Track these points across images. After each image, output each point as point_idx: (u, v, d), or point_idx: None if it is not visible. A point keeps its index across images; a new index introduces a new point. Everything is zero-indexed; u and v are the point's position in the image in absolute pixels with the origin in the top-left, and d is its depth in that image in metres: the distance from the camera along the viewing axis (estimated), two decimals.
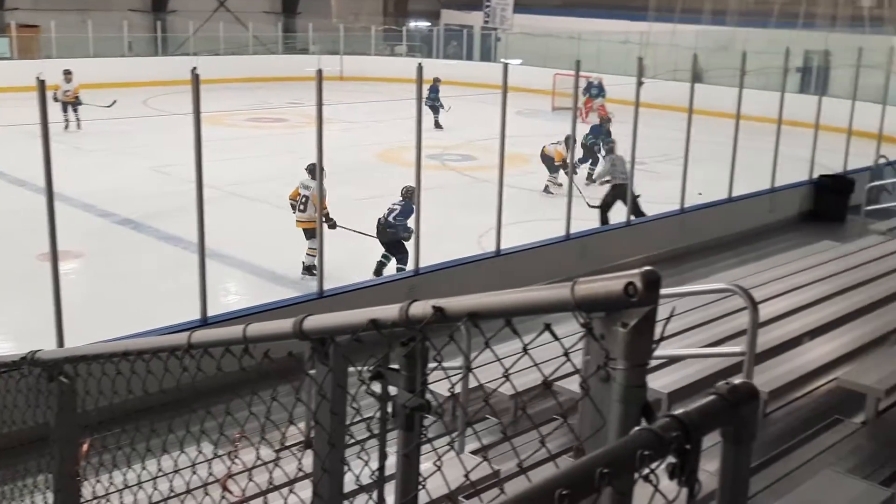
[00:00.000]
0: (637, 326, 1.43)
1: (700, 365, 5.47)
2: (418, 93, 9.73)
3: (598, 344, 1.49)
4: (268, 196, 15.32)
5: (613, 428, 1.46)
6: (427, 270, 10.16)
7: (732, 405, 1.40)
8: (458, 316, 1.76)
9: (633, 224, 12.48)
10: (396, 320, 1.89)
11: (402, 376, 1.88)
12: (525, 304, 1.66)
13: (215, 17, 34.47)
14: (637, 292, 1.42)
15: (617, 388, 1.45)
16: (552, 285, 1.61)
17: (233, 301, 10.13)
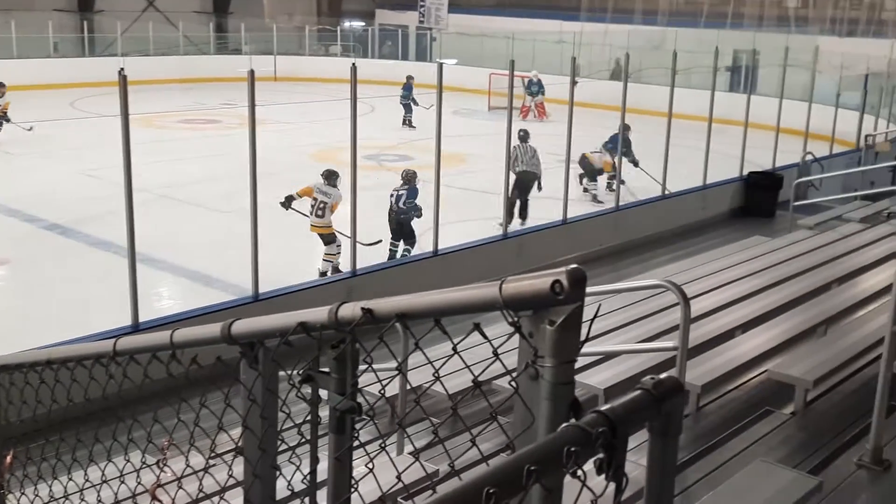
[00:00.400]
0: (564, 324, 1.44)
1: (635, 360, 5.54)
2: (353, 93, 9.67)
3: (527, 342, 1.50)
4: (200, 199, 15.10)
5: (542, 425, 1.46)
6: (364, 272, 10.12)
7: (658, 400, 1.41)
8: (388, 317, 1.75)
9: (568, 222, 12.59)
10: (326, 323, 1.87)
11: (332, 379, 1.86)
12: (454, 304, 1.66)
13: (144, 17, 33.79)
14: (563, 290, 1.43)
15: (545, 385, 1.46)
16: (480, 284, 1.61)
17: (165, 306, 9.94)
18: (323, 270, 11.04)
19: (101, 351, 2.29)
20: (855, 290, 6.85)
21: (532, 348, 1.48)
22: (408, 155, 19.68)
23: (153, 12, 34.66)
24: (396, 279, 10.41)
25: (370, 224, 11.19)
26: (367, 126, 9.74)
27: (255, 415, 2.05)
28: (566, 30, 28.01)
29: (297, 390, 1.92)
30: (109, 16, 32.76)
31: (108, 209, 13.52)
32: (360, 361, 1.88)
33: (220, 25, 35.69)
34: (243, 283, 9.97)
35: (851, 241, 9.14)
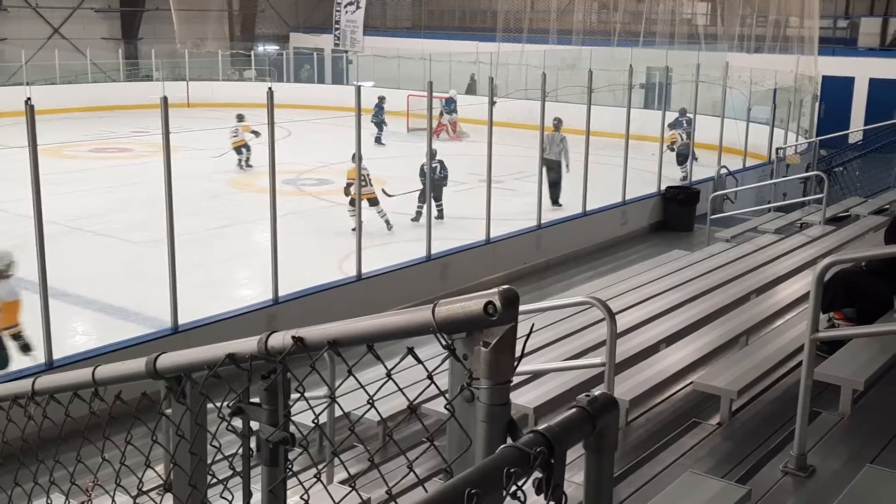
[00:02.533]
0: (498, 345, 1.44)
1: (563, 378, 5.58)
2: (270, 118, 9.59)
3: (461, 364, 1.49)
4: (113, 230, 14.71)
5: (480, 447, 1.45)
6: (287, 299, 10.00)
7: (593, 416, 1.42)
8: (319, 345, 1.72)
9: (491, 241, 12.68)
10: (255, 353, 1.83)
11: (263, 411, 1.82)
12: (387, 330, 1.64)
13: (49, 45, 32.86)
14: (497, 311, 1.42)
15: (481, 407, 1.45)
16: (413, 309, 1.60)
17: (80, 342, 9.63)
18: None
19: (18, 391, 2.20)
20: (772, 301, 7.04)
21: (467, 370, 1.47)
22: (327, 179, 19.56)
23: (59, 39, 33.73)
24: (319, 305, 10.32)
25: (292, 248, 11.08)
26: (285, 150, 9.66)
27: (183, 450, 1.98)
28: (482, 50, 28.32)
29: (228, 423, 1.87)
30: (13, 44, 31.75)
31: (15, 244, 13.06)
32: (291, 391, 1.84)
33: (129, 52, 34.95)
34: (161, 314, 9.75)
35: (767, 252, 9.41)
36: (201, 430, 2.00)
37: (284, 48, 37.35)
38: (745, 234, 11.55)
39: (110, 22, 35.97)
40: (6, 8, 32.33)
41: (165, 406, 2.08)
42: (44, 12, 33.50)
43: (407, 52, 31.87)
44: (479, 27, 34.41)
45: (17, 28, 32.44)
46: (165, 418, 2.08)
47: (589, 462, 1.46)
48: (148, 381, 2.09)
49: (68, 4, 34.19)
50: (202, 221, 14.22)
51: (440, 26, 36.43)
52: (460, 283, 11.81)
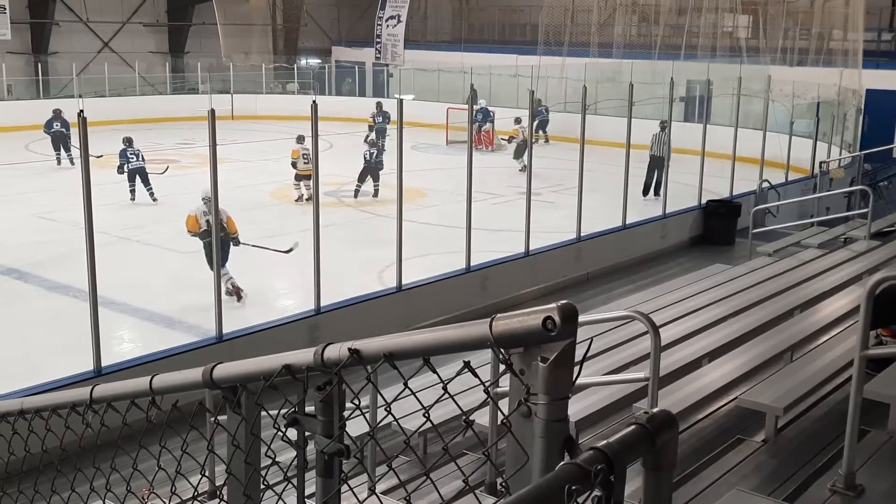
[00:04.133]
0: (556, 360, 1.44)
1: (604, 392, 5.55)
2: (314, 130, 9.68)
3: (519, 379, 1.50)
4: (158, 239, 14.93)
5: (537, 463, 1.46)
6: (328, 309, 10.06)
7: (652, 433, 1.42)
8: (375, 357, 1.74)
9: (531, 254, 12.66)
10: (311, 364, 1.85)
11: (319, 422, 1.84)
12: (443, 343, 1.66)
13: (99, 59, 33.56)
14: (555, 326, 1.43)
15: (539, 423, 1.46)
16: (469, 323, 1.61)
17: (127, 350, 9.78)
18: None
19: (76, 399, 2.25)
20: (817, 316, 6.95)
21: (524, 386, 1.48)
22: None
23: (108, 53, 34.45)
24: (360, 315, 10.38)
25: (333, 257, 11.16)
26: (326, 162, 9.76)
27: (238, 459, 2.02)
28: (522, 63, 28.34)
29: (283, 434, 1.89)
30: (64, 57, 32.48)
31: (64, 252, 13.33)
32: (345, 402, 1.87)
33: (176, 65, 35.56)
34: (205, 323, 9.88)
35: (810, 266, 9.29)
36: (256, 440, 2.03)
37: (326, 62, 37.69)
38: (787, 248, 11.41)
39: (158, 36, 36.66)
40: (58, 22, 33.08)
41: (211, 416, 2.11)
42: (94, 27, 34.26)
43: (447, 65, 32.01)
44: (518, 41, 34.42)
45: (69, 42, 33.18)
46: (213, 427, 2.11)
47: (647, 480, 1.45)
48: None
49: (118, 19, 34.90)
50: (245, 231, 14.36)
51: (480, 40, 36.50)
52: (500, 295, 11.82)
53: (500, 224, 15.15)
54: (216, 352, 8.47)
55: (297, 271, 12.53)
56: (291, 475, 1.95)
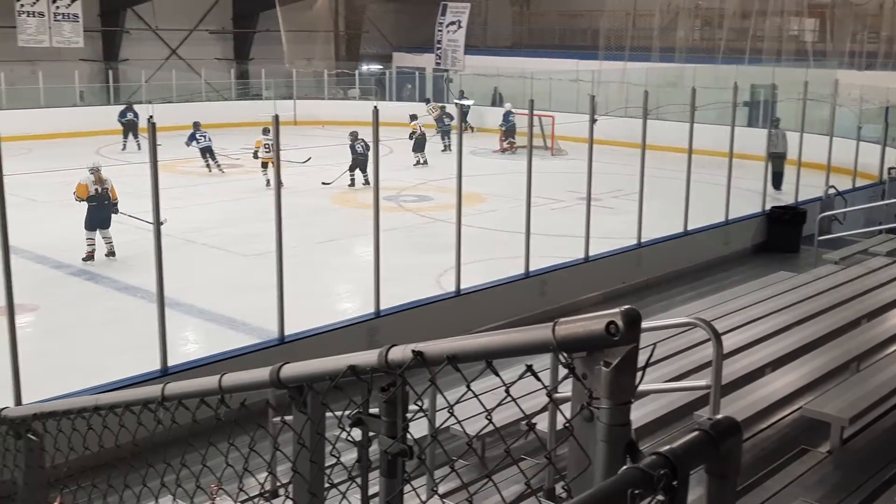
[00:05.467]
0: (619, 365, 1.45)
1: (665, 399, 5.50)
2: (375, 135, 9.78)
3: (581, 384, 1.51)
4: (223, 242, 15.22)
5: (599, 467, 1.47)
6: (388, 312, 10.13)
7: (716, 440, 1.42)
8: (438, 359, 1.77)
9: (590, 259, 12.59)
10: (375, 366, 1.89)
11: (383, 422, 1.88)
12: (505, 347, 1.68)
13: (167, 66, 34.39)
14: (619, 331, 1.44)
15: (601, 427, 1.47)
16: (532, 327, 1.63)
17: (192, 350, 9.99)
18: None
19: (149, 396, 2.32)
20: (885, 326, 6.79)
21: (587, 390, 1.50)
22: (426, 195, 19.79)
23: (176, 60, 35.27)
24: (418, 319, 10.42)
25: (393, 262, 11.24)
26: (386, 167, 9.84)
27: (303, 458, 2.06)
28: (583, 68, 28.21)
29: (348, 434, 1.93)
30: (133, 65, 33.37)
31: (133, 254, 13.68)
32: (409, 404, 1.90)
33: (241, 72, 36.24)
34: (266, 325, 10.04)
35: (879, 275, 9.07)
36: (321, 439, 2.07)
37: (387, 67, 37.99)
38: (854, 256, 11.14)
39: (224, 43, 37.41)
40: (129, 30, 33.99)
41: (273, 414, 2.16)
42: (163, 34, 35.13)
43: (506, 70, 32.02)
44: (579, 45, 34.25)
45: (138, 50, 34.06)
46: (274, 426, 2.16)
47: (710, 488, 1.45)
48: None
49: (185, 27, 35.72)
50: (306, 235, 14.58)
51: (540, 44, 36.42)
52: (558, 300, 11.77)
53: (560, 229, 15.10)
54: (277, 353, 8.60)
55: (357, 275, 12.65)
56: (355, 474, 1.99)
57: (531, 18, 39.34)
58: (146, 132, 7.90)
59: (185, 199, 17.68)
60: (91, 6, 32.18)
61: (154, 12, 34.27)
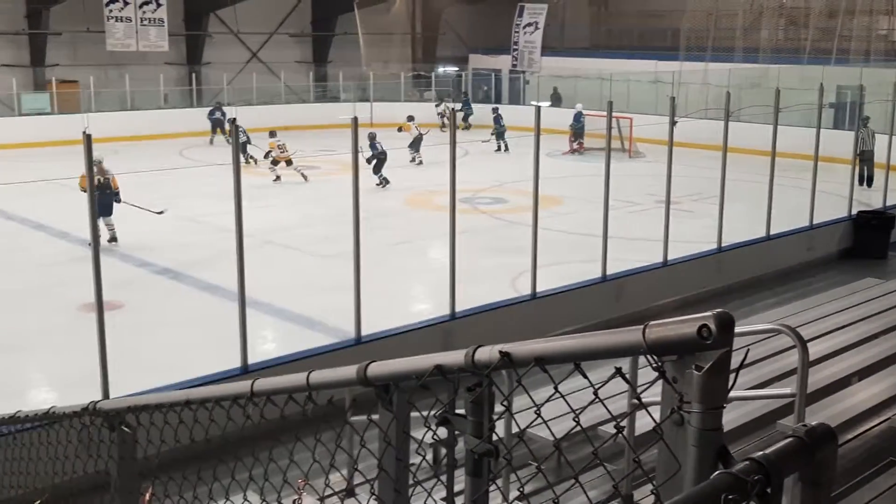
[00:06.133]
0: (712, 369, 1.44)
1: (749, 406, 5.40)
2: (452, 137, 9.81)
3: (672, 387, 1.50)
4: (300, 243, 15.47)
5: (690, 472, 1.45)
6: (463, 314, 10.16)
7: (811, 447, 1.39)
8: (525, 361, 1.78)
9: (669, 264, 12.41)
10: (462, 366, 1.90)
11: (469, 422, 1.89)
12: (595, 349, 1.67)
13: (248, 69, 35.15)
14: (711, 335, 1.42)
15: (692, 431, 1.45)
16: (621, 330, 1.62)
17: (270, 349, 10.18)
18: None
19: (238, 392, 2.38)
20: None
21: (677, 394, 1.48)
22: (502, 197, 19.79)
23: (256, 63, 36.03)
24: (493, 322, 10.42)
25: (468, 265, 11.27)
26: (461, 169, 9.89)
27: (389, 455, 2.09)
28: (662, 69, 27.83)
29: (434, 433, 1.95)
30: (216, 68, 34.20)
31: (214, 254, 14.00)
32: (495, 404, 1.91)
33: (319, 74, 36.81)
34: (342, 325, 10.16)
35: None
36: (407, 437, 2.10)
37: (463, 69, 38.10)
38: None
39: (303, 46, 38.06)
40: (211, 34, 34.87)
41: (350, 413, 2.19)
42: (244, 38, 35.96)
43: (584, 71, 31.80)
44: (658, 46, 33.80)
45: (220, 53, 34.91)
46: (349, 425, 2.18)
47: (804, 495, 1.43)
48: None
49: (266, 30, 36.48)
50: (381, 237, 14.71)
51: (619, 45, 36.07)
52: (635, 305, 11.63)
53: (637, 233, 14.94)
54: (354, 353, 8.70)
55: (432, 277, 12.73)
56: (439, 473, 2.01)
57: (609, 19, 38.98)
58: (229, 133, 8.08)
59: (264, 200, 18.02)
60: (176, 11, 33.10)
61: (236, 17, 35.07)
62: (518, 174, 19.07)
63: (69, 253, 14.22)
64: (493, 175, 22.36)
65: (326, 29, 37.95)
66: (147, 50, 31.42)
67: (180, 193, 19.64)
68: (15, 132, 26.92)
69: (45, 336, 10.84)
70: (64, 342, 10.43)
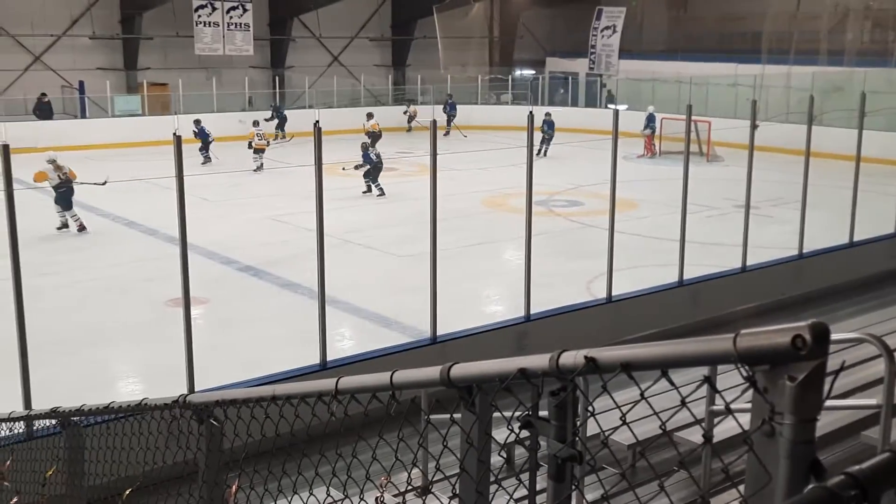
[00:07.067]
0: (806, 380, 1.42)
1: (829, 416, 5.28)
2: (529, 140, 9.80)
3: (763, 398, 1.48)
4: (377, 243, 15.63)
5: (781, 485, 1.44)
6: (538, 317, 10.13)
7: None
8: (611, 366, 1.78)
9: (747, 270, 12.17)
10: (546, 370, 1.91)
11: (552, 426, 1.90)
12: (683, 356, 1.66)
13: (329, 72, 35.71)
14: (806, 345, 1.41)
15: (784, 443, 1.44)
16: (711, 338, 1.61)
17: (347, 346, 10.32)
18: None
19: (323, 389, 2.44)
20: None
21: (769, 404, 1.47)
22: (578, 200, 19.68)
23: (337, 66, 36.58)
24: (568, 325, 10.38)
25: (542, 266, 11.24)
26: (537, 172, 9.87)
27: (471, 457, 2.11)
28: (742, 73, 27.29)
29: (517, 436, 1.97)
30: (298, 71, 34.87)
31: (294, 252, 14.25)
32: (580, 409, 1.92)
33: (397, 77, 37.19)
34: (418, 324, 10.25)
35: None
36: (489, 439, 2.12)
37: (540, 72, 37.99)
38: None
39: (382, 50, 38.51)
40: (295, 39, 35.57)
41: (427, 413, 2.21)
42: (326, 42, 36.58)
43: (661, 75, 31.39)
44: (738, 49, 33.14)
45: (303, 57, 35.58)
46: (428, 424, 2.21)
47: None
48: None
49: (347, 34, 37.02)
50: (456, 238, 14.77)
51: (698, 48, 35.46)
52: (712, 311, 11.44)
53: (715, 237, 14.70)
54: (430, 353, 8.77)
55: (507, 279, 12.73)
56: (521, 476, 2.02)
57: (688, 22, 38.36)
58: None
59: (343, 200, 18.27)
60: (261, 16, 33.84)
61: (318, 21, 35.68)
62: (594, 177, 18.92)
63: (158, 250, 14.65)
64: (569, 178, 22.25)
65: (406, 33, 38.30)
66: (233, 54, 32.23)
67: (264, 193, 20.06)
68: (108, 133, 27.88)
69: (134, 330, 11.20)
70: (151, 336, 10.76)
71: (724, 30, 36.23)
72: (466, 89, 35.75)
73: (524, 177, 9.79)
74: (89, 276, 13.71)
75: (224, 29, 31.54)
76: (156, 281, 12.63)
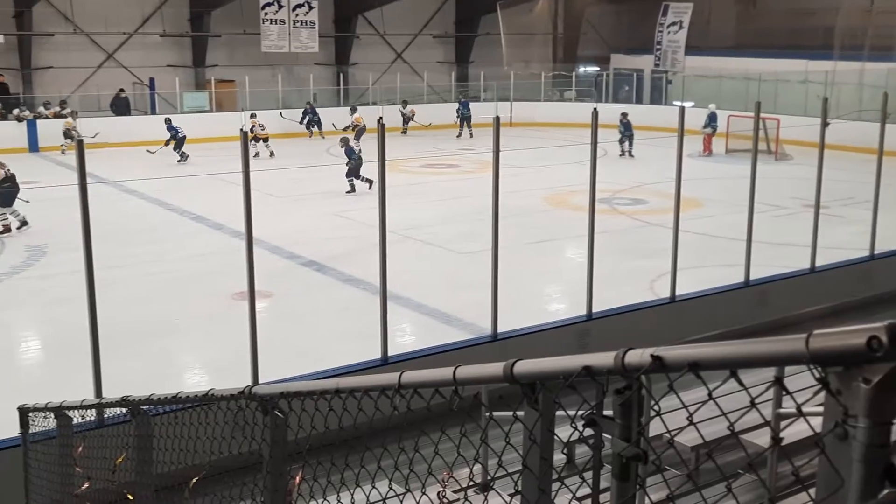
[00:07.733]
0: (881, 383, 1.38)
1: None
2: (593, 137, 9.72)
3: (836, 400, 1.45)
4: (439, 239, 15.67)
5: (854, 489, 1.40)
6: (600, 315, 10.05)
7: None
8: (679, 365, 1.75)
9: (816, 271, 11.90)
10: (611, 368, 1.89)
11: (617, 424, 1.88)
12: (753, 356, 1.63)
13: (393, 69, 35.93)
14: (882, 346, 1.37)
15: (857, 446, 1.40)
16: (783, 338, 1.57)
17: (408, 342, 10.37)
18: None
19: (386, 383, 2.45)
20: None
21: (842, 406, 1.43)
22: (641, 198, 19.46)
23: (401, 63, 36.78)
24: (630, 324, 10.28)
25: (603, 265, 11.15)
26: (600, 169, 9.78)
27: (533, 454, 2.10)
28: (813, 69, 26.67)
29: (580, 434, 1.95)
30: (362, 68, 35.16)
31: (356, 248, 14.38)
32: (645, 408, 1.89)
33: (460, 74, 37.22)
34: (479, 321, 10.24)
35: None
36: (551, 436, 2.11)
37: (604, 69, 37.63)
38: None
39: (445, 47, 38.60)
40: (359, 36, 35.88)
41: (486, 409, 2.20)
42: (389, 39, 36.83)
43: (729, 71, 30.83)
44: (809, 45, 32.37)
45: (367, 54, 35.88)
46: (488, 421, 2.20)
47: None
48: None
49: (411, 31, 37.21)
50: (518, 235, 14.73)
51: (767, 44, 34.74)
52: (779, 312, 11.21)
53: (782, 237, 14.41)
54: (490, 350, 8.76)
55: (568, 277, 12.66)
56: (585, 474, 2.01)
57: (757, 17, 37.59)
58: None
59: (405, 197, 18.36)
60: (326, 14, 34.19)
61: (382, 18, 35.93)
62: (657, 175, 18.68)
63: (224, 244, 14.93)
64: (632, 176, 22.02)
65: (469, 29, 38.32)
66: (298, 51, 32.65)
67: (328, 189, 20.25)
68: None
69: (200, 322, 11.43)
70: (217, 328, 10.96)
71: (795, 25, 35.38)
72: (530, 86, 35.59)
73: (587, 174, 9.71)
74: (160, 268, 14.02)
75: (290, 26, 31.96)
76: (222, 274, 12.87)
